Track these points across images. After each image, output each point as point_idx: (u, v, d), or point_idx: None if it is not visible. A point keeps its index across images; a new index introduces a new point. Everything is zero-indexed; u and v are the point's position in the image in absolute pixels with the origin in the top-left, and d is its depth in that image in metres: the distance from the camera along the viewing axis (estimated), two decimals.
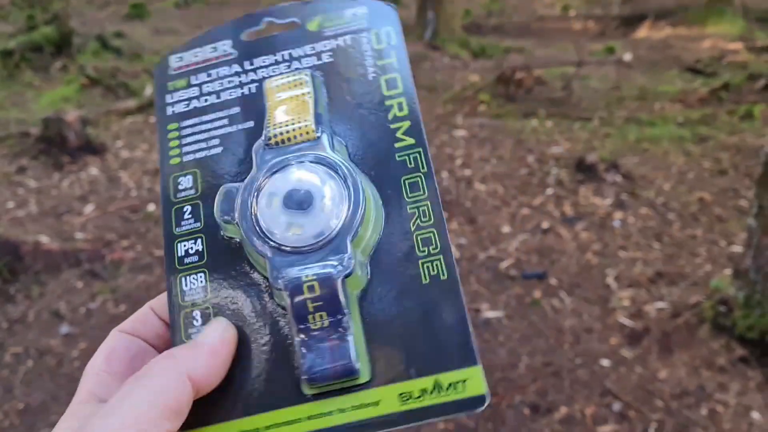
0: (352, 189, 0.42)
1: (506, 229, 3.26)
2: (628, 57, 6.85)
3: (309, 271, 0.40)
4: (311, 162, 0.43)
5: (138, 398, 0.35)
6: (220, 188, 0.44)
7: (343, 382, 0.39)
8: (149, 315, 0.44)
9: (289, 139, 0.44)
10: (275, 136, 0.44)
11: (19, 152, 4.14)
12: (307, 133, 0.44)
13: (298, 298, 0.39)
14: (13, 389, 2.22)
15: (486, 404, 0.39)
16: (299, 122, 0.44)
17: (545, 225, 3.29)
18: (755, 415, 2.05)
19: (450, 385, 0.39)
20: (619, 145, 4.41)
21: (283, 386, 0.40)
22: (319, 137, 0.44)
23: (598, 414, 2.08)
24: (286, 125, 0.44)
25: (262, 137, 0.45)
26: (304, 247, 0.41)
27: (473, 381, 0.39)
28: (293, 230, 0.41)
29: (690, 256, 2.99)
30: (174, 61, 0.50)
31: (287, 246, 0.41)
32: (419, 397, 0.39)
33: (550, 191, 3.68)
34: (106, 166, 4.03)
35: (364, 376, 0.40)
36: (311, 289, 0.39)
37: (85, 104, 5.13)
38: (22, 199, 3.58)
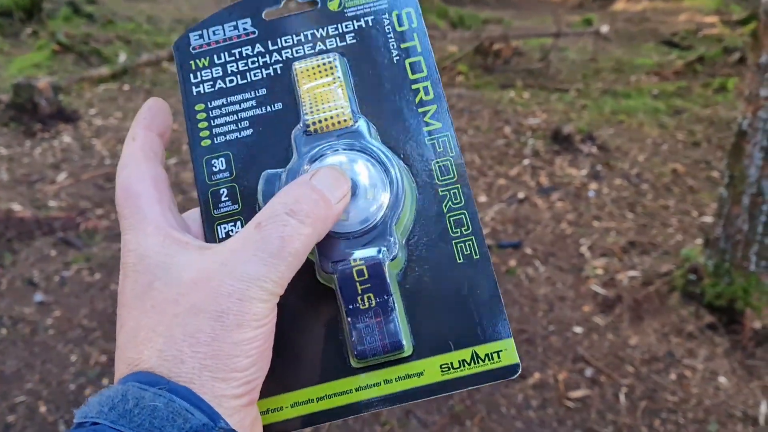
0: (392, 176, 0.43)
1: (483, 199, 3.28)
2: (605, 29, 6.86)
3: (357, 256, 0.42)
4: (352, 150, 0.44)
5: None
6: (263, 173, 0.45)
7: (388, 356, 0.42)
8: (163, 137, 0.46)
9: (327, 127, 0.45)
10: (314, 123, 0.45)
11: None
12: (345, 120, 0.45)
13: (347, 281, 0.41)
14: None
15: (519, 373, 0.42)
16: (335, 110, 0.45)
17: (521, 195, 3.31)
18: (722, 379, 2.11)
19: (486, 356, 0.42)
20: (595, 116, 4.44)
21: (332, 360, 0.43)
22: (356, 124, 0.45)
23: (570, 379, 2.12)
24: (323, 113, 0.45)
25: (300, 124, 0.46)
26: (351, 233, 0.42)
27: (507, 352, 0.43)
28: (339, 217, 0.42)
29: (662, 226, 3.04)
30: (194, 39, 0.49)
31: (334, 232, 0.42)
32: (459, 367, 0.42)
33: (526, 162, 3.70)
34: (79, 134, 3.97)
35: (408, 350, 0.42)
36: (360, 273, 0.41)
37: (56, 71, 5.03)
38: None
